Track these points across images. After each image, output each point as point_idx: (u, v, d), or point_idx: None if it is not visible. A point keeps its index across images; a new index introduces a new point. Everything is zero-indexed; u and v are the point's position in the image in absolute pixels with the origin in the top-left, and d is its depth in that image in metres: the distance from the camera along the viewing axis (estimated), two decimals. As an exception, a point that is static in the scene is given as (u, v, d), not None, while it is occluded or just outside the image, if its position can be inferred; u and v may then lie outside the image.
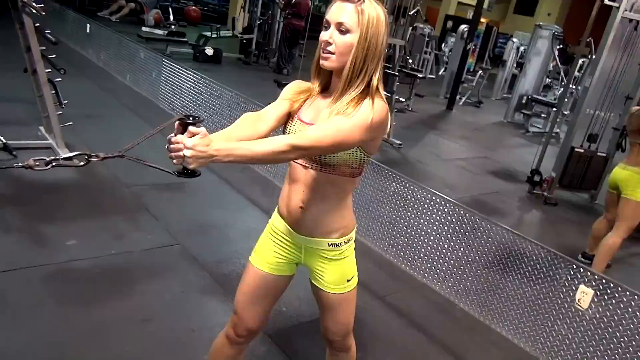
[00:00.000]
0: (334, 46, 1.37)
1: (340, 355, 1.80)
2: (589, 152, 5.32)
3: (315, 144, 1.31)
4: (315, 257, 1.59)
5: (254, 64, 10.10)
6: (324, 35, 1.39)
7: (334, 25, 1.37)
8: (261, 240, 1.67)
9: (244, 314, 1.66)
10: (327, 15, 1.39)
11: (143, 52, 6.46)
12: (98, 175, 3.85)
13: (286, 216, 1.56)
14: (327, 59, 1.39)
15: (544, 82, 10.27)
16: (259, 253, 1.65)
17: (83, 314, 2.34)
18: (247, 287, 1.65)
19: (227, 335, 1.71)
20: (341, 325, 1.68)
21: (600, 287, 2.45)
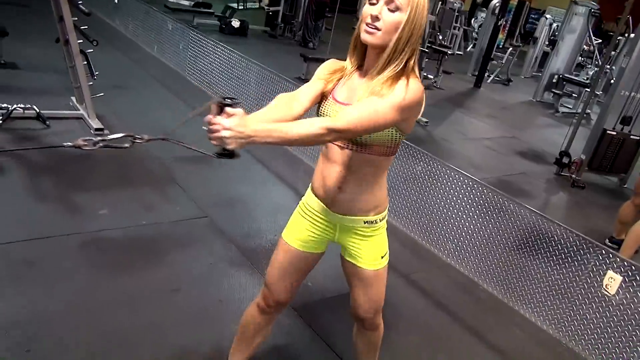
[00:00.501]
0: (382, 22, 1.34)
1: (369, 333, 1.83)
2: (621, 135, 5.19)
3: (351, 126, 1.30)
4: (350, 234, 1.60)
5: (279, 37, 10.02)
6: (371, 9, 1.35)
7: (383, 1, 1.34)
8: (294, 217, 1.68)
9: (274, 287, 1.70)
10: None
11: (170, 23, 6.46)
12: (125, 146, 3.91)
13: (322, 196, 1.57)
14: (373, 35, 1.36)
15: (577, 61, 9.98)
16: (291, 230, 1.67)
17: (114, 283, 2.42)
18: (279, 263, 1.69)
19: (258, 305, 1.77)
20: (373, 302, 1.70)
21: (629, 274, 2.42)
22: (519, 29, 14.94)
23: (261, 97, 4.82)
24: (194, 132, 1.39)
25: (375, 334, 1.83)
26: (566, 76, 9.01)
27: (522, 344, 2.62)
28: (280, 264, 1.68)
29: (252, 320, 1.81)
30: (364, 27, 1.37)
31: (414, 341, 2.47)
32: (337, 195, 1.52)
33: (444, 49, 8.29)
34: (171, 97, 5.32)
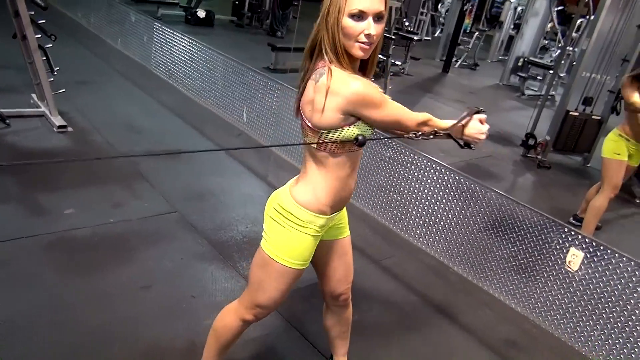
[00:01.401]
0: (375, 37, 1.36)
1: (342, 310, 1.88)
2: (583, 116, 5.33)
3: None
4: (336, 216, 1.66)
5: (247, 26, 9.91)
6: (360, 26, 1.33)
7: (372, 17, 1.34)
8: (303, 245, 1.55)
9: (276, 306, 1.68)
10: (358, 5, 1.32)
11: (134, 16, 6.32)
12: (93, 143, 3.84)
13: (340, 205, 1.59)
14: (368, 50, 1.39)
15: (541, 43, 10.17)
16: (301, 257, 1.56)
17: (84, 281, 2.39)
18: (288, 287, 1.61)
19: (244, 320, 1.68)
20: (350, 269, 1.81)
21: (590, 250, 2.51)
22: (485, 13, 15.10)
23: (227, 88, 4.78)
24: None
25: (348, 311, 1.90)
26: (531, 59, 9.18)
27: (491, 322, 2.70)
28: (288, 287, 1.61)
29: (233, 332, 1.73)
30: (358, 44, 1.36)
31: (387, 325, 2.51)
32: (351, 196, 1.63)
33: (410, 35, 8.34)
34: (136, 91, 5.22)
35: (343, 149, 1.44)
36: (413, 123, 1.52)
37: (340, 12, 1.33)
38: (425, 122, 1.55)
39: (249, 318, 1.67)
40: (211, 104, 5.03)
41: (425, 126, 1.55)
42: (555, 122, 5.39)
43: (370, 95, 1.37)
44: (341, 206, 1.61)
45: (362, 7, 1.32)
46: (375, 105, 1.39)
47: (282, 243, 1.53)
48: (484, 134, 1.56)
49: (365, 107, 1.37)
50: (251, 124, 4.54)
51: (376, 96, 1.39)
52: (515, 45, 9.45)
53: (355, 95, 1.34)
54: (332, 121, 1.38)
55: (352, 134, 1.41)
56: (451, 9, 10.73)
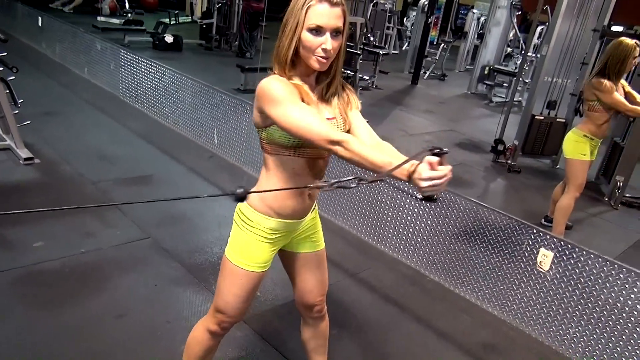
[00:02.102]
0: (332, 51, 1.40)
1: (318, 323, 1.87)
2: (548, 119, 5.47)
3: None
4: (304, 226, 1.67)
5: (215, 49, 9.95)
6: (317, 40, 1.37)
7: (329, 32, 1.38)
8: (250, 245, 1.58)
9: (234, 312, 1.67)
10: (316, 20, 1.36)
11: (99, 44, 6.29)
12: (61, 173, 3.78)
13: (292, 213, 1.56)
14: (325, 64, 1.42)
15: (505, 51, 10.44)
16: (249, 257, 1.58)
17: (55, 315, 2.33)
18: (240, 291, 1.62)
19: (211, 331, 1.70)
20: (323, 282, 1.80)
21: (559, 249, 2.56)
22: (450, 24, 15.47)
23: (197, 111, 4.78)
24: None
25: (324, 324, 1.89)
26: (496, 67, 9.41)
27: (470, 328, 2.72)
28: (243, 291, 1.62)
29: (202, 346, 1.75)
30: (316, 57, 1.40)
31: (365, 337, 2.51)
32: (307, 202, 1.59)
33: (377, 49, 8.48)
34: (105, 119, 5.18)
35: (273, 149, 1.49)
36: (321, 138, 1.30)
37: (299, 26, 1.38)
38: (339, 142, 1.28)
39: (213, 328, 1.69)
40: (182, 128, 5.01)
41: (338, 146, 1.29)
42: (522, 127, 5.52)
43: (270, 91, 1.37)
44: (293, 214, 1.56)
45: (320, 23, 1.37)
46: (274, 103, 1.36)
47: (236, 244, 1.59)
48: (442, 181, 1.15)
49: (267, 103, 1.38)
50: (223, 145, 4.53)
51: (276, 93, 1.36)
52: (480, 55, 9.69)
53: (259, 89, 1.41)
54: (256, 119, 1.48)
55: (276, 135, 1.45)
56: (416, 22, 10.96)
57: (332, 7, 1.37)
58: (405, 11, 16.90)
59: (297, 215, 1.58)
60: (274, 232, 1.58)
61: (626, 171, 4.84)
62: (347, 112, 1.54)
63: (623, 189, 4.84)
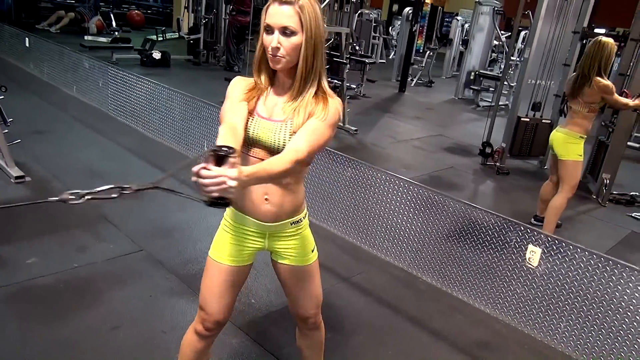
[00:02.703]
0: (283, 50, 1.44)
1: (313, 334, 1.88)
2: (534, 120, 5.55)
3: (309, 152, 1.43)
4: (280, 238, 1.67)
5: (203, 63, 10.00)
6: (268, 39, 1.44)
7: (277, 30, 1.43)
8: (220, 236, 1.69)
9: (211, 309, 1.70)
10: (267, 20, 1.43)
11: (87, 62, 6.32)
12: (53, 190, 3.79)
13: (251, 210, 1.60)
14: (279, 62, 1.46)
15: (490, 56, 10.59)
16: (219, 248, 1.68)
17: (49, 330, 2.34)
18: (212, 283, 1.69)
19: (196, 331, 1.75)
20: (314, 297, 1.78)
21: (546, 245, 2.61)
22: (435, 32, 15.65)
23: (187, 124, 4.81)
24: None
25: (319, 334, 1.89)
26: (481, 72, 9.55)
27: (463, 326, 2.75)
28: (214, 284, 1.69)
29: (192, 348, 1.78)
30: (269, 56, 1.46)
31: (360, 340, 2.54)
32: (266, 206, 1.58)
33: (364, 58, 8.57)
34: (95, 136, 5.19)
35: None
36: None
37: (262, 27, 1.47)
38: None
39: (198, 327, 1.73)
40: (172, 142, 5.04)
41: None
42: (509, 129, 5.60)
43: (227, 89, 1.56)
44: (252, 210, 1.58)
45: (269, 22, 1.44)
46: (225, 97, 1.55)
47: (215, 237, 1.72)
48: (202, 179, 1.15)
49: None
50: (213, 157, 4.55)
51: (228, 91, 1.55)
52: (466, 61, 9.83)
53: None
54: None
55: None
56: (401, 31, 11.10)
57: (280, 5, 1.42)
58: (391, 21, 17.11)
59: (252, 213, 1.59)
60: (234, 222, 1.64)
61: (612, 169, 4.92)
62: (308, 118, 1.49)
63: (610, 187, 4.92)
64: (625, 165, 5.22)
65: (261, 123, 1.53)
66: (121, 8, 14.93)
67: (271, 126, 1.51)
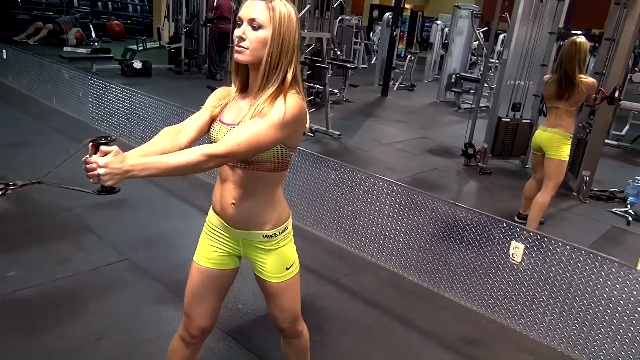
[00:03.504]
0: (247, 41, 1.43)
1: (293, 341, 1.87)
2: (514, 120, 5.63)
3: (232, 150, 1.36)
4: (253, 249, 1.64)
5: (185, 72, 9.97)
6: (237, 31, 1.45)
7: (246, 22, 1.43)
8: (201, 238, 1.71)
9: (194, 313, 1.70)
10: (239, 13, 1.46)
11: (67, 73, 6.26)
12: (33, 201, 3.74)
13: (220, 213, 1.62)
14: (241, 53, 1.44)
15: (470, 59, 10.73)
16: (200, 251, 1.69)
17: (32, 343, 2.30)
18: (194, 286, 1.69)
19: (182, 338, 1.75)
20: (287, 312, 1.74)
21: (529, 241, 2.64)
22: (416, 37, 15.81)
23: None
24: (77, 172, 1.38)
25: (300, 341, 1.86)
26: (462, 75, 9.67)
27: (450, 324, 2.77)
28: (195, 287, 1.68)
29: (178, 355, 1.77)
30: (235, 48, 1.46)
31: (348, 341, 2.54)
32: (233, 212, 1.57)
33: (346, 63, 8.63)
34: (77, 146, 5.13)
35: None
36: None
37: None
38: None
39: (182, 333, 1.74)
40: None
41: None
42: (490, 130, 5.67)
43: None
44: (222, 213, 1.60)
45: (240, 14, 1.46)
46: None
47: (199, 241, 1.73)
48: (99, 168, 1.26)
49: None
50: (197, 164, 4.53)
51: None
52: (447, 64, 9.94)
53: None
54: None
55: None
56: (382, 36, 11.19)
57: (254, 0, 1.44)
58: (371, 26, 17.24)
59: (222, 217, 1.62)
60: (213, 226, 1.67)
61: (591, 166, 5.01)
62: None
63: (590, 183, 5.01)
64: (604, 162, 5.32)
65: (218, 127, 1.53)
66: (100, 19, 14.82)
67: (224, 129, 1.50)
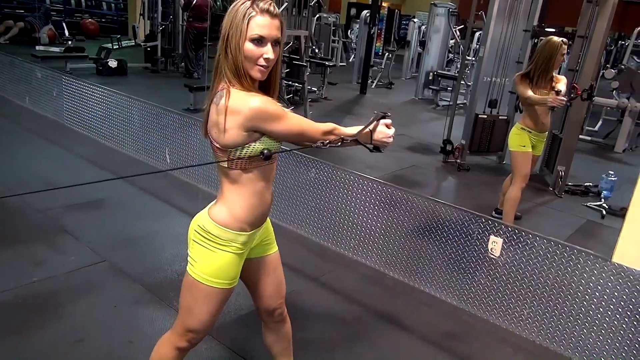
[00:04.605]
0: (272, 60, 1.47)
1: (280, 326, 1.88)
2: (491, 117, 5.71)
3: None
4: (262, 229, 1.69)
5: (162, 71, 9.85)
6: (260, 50, 1.43)
7: (270, 43, 1.44)
8: (227, 264, 1.57)
9: (208, 329, 1.68)
10: (258, 31, 1.41)
11: (40, 72, 6.12)
12: (8, 204, 3.65)
13: (260, 219, 1.62)
14: (265, 74, 1.48)
15: (447, 57, 10.83)
16: (224, 276, 1.58)
17: (8, 348, 2.24)
18: (216, 309, 1.63)
19: (180, 348, 1.69)
20: (283, 283, 1.83)
21: (507, 235, 2.68)
22: (393, 35, 15.91)
23: (147, 132, 4.73)
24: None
25: (286, 326, 1.90)
26: (439, 72, 9.76)
27: (431, 319, 2.80)
28: (217, 309, 1.63)
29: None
30: (257, 67, 1.45)
31: (330, 338, 2.54)
32: (270, 210, 1.66)
33: (324, 61, 8.63)
34: (50, 147, 5.04)
35: (252, 164, 1.49)
36: (318, 133, 1.54)
37: (242, 37, 1.42)
38: (331, 131, 1.57)
39: (182, 345, 1.67)
40: (132, 150, 4.93)
41: (330, 135, 1.57)
42: (468, 127, 5.73)
43: (268, 110, 1.44)
44: (261, 221, 1.63)
45: (263, 34, 1.42)
46: (275, 119, 1.45)
47: (206, 264, 1.56)
48: (391, 137, 1.62)
49: (266, 121, 1.43)
50: (175, 164, 4.49)
51: (275, 110, 1.46)
52: (424, 62, 10.02)
53: (254, 111, 1.41)
54: (237, 139, 1.44)
55: (258, 149, 1.46)
56: (360, 34, 11.23)
57: (272, 18, 1.44)
58: (349, 24, 17.27)
59: (263, 218, 1.65)
60: (245, 245, 1.61)
61: (566, 161, 5.10)
62: None
63: (565, 178, 5.10)
64: (578, 158, 5.43)
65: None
66: (74, 17, 14.52)
67: None
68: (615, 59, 12.24)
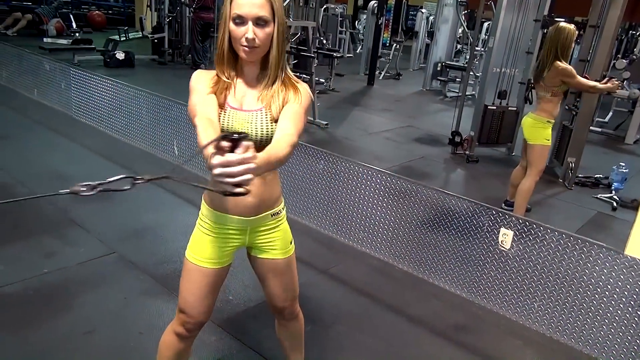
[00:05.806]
0: (258, 40, 1.42)
1: (291, 324, 1.87)
2: (500, 108, 5.66)
3: (299, 136, 1.46)
4: (260, 232, 1.64)
5: (169, 62, 9.84)
6: (240, 30, 1.41)
7: (251, 21, 1.41)
8: (198, 238, 1.64)
9: (194, 311, 1.67)
10: (237, 10, 1.40)
11: (48, 64, 6.13)
12: (17, 195, 3.67)
13: (230, 207, 1.57)
14: (254, 53, 1.45)
15: (455, 48, 10.74)
16: (199, 252, 1.63)
17: (20, 339, 2.26)
18: (194, 287, 1.64)
19: (176, 333, 1.71)
20: (290, 289, 1.77)
21: (518, 227, 2.66)
22: (401, 25, 15.81)
23: (155, 124, 4.73)
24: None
25: (297, 324, 1.89)
26: (448, 63, 9.69)
27: (440, 311, 2.79)
28: (196, 287, 1.64)
29: (172, 349, 1.75)
30: (241, 47, 1.43)
31: (340, 330, 2.54)
32: (247, 200, 1.53)
33: (332, 52, 8.59)
34: (60, 140, 5.05)
35: None
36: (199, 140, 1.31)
37: (227, 18, 1.43)
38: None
39: (178, 329, 1.70)
40: (140, 142, 4.94)
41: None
42: (477, 118, 5.69)
43: (190, 83, 1.51)
44: (233, 206, 1.55)
45: (241, 12, 1.40)
46: (190, 92, 1.50)
47: (191, 240, 1.66)
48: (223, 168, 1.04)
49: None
50: (183, 156, 4.49)
51: (192, 85, 1.51)
52: (432, 52, 9.94)
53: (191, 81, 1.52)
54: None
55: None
56: (367, 25, 11.15)
57: None
58: (356, 15, 17.16)
59: (234, 210, 1.56)
60: (214, 223, 1.60)
61: (576, 153, 5.06)
62: (284, 105, 1.51)
63: (575, 170, 5.06)
64: (588, 149, 5.38)
65: (234, 114, 1.50)
66: (81, 9, 14.53)
67: (246, 116, 1.50)
68: (626, 49, 12.08)
